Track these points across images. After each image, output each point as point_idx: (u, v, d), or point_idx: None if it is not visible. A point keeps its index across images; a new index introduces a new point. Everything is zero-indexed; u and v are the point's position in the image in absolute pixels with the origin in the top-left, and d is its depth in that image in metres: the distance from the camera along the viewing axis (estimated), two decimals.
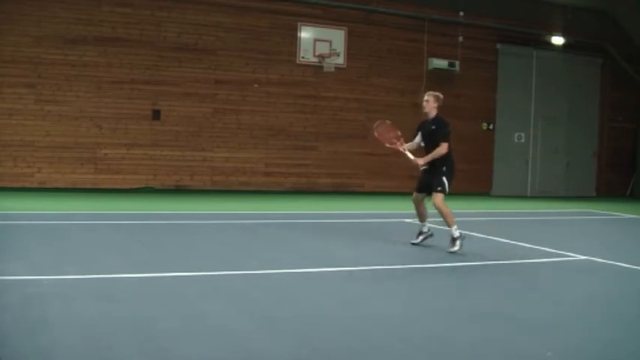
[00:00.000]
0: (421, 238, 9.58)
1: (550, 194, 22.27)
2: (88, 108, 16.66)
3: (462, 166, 9.98)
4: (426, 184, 9.32)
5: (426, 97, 9.50)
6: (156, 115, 17.27)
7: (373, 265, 8.15)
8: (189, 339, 4.81)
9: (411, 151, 9.45)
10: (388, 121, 10.04)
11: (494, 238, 9.04)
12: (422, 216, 9.60)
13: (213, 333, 5.00)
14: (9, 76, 15.97)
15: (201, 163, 17.82)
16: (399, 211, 14.92)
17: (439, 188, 9.09)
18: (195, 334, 4.94)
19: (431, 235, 9.58)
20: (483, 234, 9.90)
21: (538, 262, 8.84)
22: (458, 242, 8.87)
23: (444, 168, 9.18)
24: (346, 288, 6.89)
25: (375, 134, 9.88)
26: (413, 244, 9.52)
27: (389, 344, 4.93)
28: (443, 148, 9.08)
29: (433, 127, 9.26)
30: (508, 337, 5.27)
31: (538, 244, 10.11)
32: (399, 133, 9.67)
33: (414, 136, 9.60)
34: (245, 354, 4.59)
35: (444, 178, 9.12)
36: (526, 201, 20.22)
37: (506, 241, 10.43)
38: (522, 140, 22.03)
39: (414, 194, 9.57)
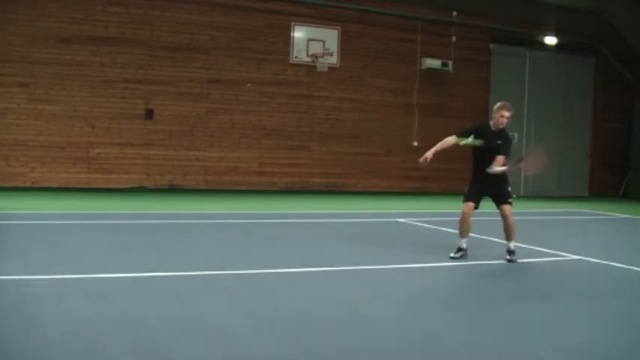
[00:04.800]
0: (460, 254, 8.64)
1: (543, 194, 22.30)
2: (81, 107, 16.61)
3: (455, 166, 9.92)
4: (483, 193, 8.70)
5: (508, 114, 8.54)
6: (149, 114, 17.23)
7: (368, 265, 8.16)
8: (182, 339, 4.80)
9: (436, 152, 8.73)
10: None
11: (489, 239, 9.06)
12: (467, 231, 8.73)
13: (207, 333, 5.00)
14: (2, 75, 15.90)
15: (194, 163, 17.79)
16: (393, 210, 14.95)
17: (510, 200, 8.66)
18: (188, 333, 4.94)
19: (466, 255, 8.69)
20: (478, 234, 9.91)
21: (531, 262, 8.86)
22: (515, 254, 8.65)
23: (506, 177, 8.70)
24: (340, 288, 6.90)
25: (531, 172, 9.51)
26: (452, 257, 8.59)
27: (384, 344, 4.93)
28: (501, 161, 8.41)
29: (499, 142, 8.52)
30: (502, 336, 5.28)
31: (531, 244, 10.13)
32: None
33: (468, 134, 8.73)
34: (239, 354, 4.59)
35: (510, 189, 8.72)
36: (519, 201, 20.23)
37: (500, 241, 10.43)
38: (515, 140, 22.02)
39: (469, 204, 8.67)
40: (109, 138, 16.93)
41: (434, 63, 19.92)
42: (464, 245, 8.67)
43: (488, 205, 8.76)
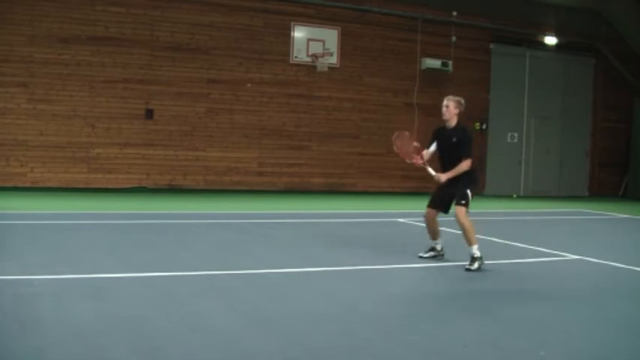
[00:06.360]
0: (431, 254, 8.56)
1: (543, 194, 22.31)
2: (81, 107, 16.61)
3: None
4: (442, 199, 8.35)
5: (445, 102, 8.29)
6: (149, 114, 17.23)
7: (366, 265, 8.16)
8: (181, 338, 4.80)
9: (427, 162, 8.44)
10: (407, 133, 8.88)
11: (488, 238, 9.05)
12: (435, 234, 8.54)
13: (206, 332, 5.00)
14: (2, 75, 15.90)
15: (194, 163, 17.79)
16: (392, 210, 14.95)
17: (462, 202, 8.01)
18: (187, 333, 4.94)
19: (442, 256, 8.56)
20: (478, 234, 9.90)
21: (531, 262, 8.86)
22: (477, 263, 7.89)
23: (466, 178, 8.16)
24: (340, 288, 6.90)
25: (395, 149, 8.84)
26: (420, 257, 8.56)
27: (384, 344, 4.93)
28: (466, 164, 8.05)
29: (454, 140, 8.16)
30: (502, 336, 5.28)
31: (531, 243, 10.13)
32: (418, 144, 8.62)
33: (429, 145, 8.50)
34: (237, 353, 4.59)
35: (468, 191, 8.08)
36: (519, 201, 20.25)
37: (499, 240, 10.45)
38: (515, 140, 22.06)
39: (427, 210, 8.42)
40: (109, 138, 16.93)
41: (434, 63, 19.92)
42: (438, 247, 8.58)
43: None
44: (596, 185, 23.48)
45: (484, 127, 21.48)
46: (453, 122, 8.26)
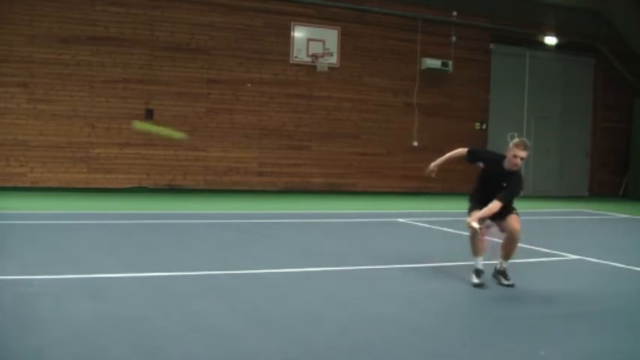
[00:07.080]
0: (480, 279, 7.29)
1: (543, 194, 22.29)
2: (81, 107, 16.61)
3: (454, 166, 9.86)
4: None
5: (521, 153, 7.34)
6: (149, 114, 17.23)
7: (366, 265, 8.15)
8: (182, 338, 4.80)
9: (443, 163, 7.96)
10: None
11: (488, 238, 9.02)
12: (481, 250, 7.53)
13: (206, 332, 5.00)
14: (2, 75, 15.90)
15: (194, 163, 17.78)
16: (393, 210, 14.95)
17: (515, 210, 7.54)
18: (187, 333, 4.94)
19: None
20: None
21: (531, 262, 8.85)
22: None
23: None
24: (339, 288, 6.90)
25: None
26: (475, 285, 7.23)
27: (384, 344, 4.93)
28: (496, 206, 7.17)
29: (504, 185, 7.36)
30: (502, 336, 5.28)
31: (531, 244, 10.12)
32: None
33: (474, 158, 7.84)
34: (237, 353, 4.59)
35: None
36: (519, 201, 20.22)
37: (499, 241, 10.42)
38: (516, 140, 22.03)
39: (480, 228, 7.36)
40: (109, 138, 16.92)
41: (434, 63, 19.91)
42: (480, 266, 7.41)
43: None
44: (596, 185, 23.48)
45: (484, 126, 21.47)
46: (515, 168, 7.45)
